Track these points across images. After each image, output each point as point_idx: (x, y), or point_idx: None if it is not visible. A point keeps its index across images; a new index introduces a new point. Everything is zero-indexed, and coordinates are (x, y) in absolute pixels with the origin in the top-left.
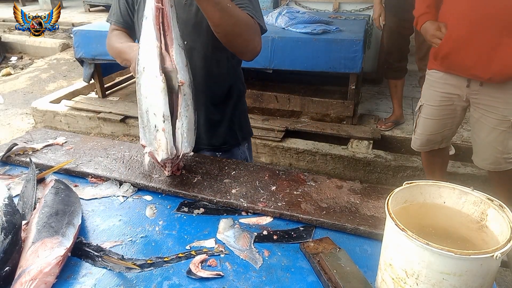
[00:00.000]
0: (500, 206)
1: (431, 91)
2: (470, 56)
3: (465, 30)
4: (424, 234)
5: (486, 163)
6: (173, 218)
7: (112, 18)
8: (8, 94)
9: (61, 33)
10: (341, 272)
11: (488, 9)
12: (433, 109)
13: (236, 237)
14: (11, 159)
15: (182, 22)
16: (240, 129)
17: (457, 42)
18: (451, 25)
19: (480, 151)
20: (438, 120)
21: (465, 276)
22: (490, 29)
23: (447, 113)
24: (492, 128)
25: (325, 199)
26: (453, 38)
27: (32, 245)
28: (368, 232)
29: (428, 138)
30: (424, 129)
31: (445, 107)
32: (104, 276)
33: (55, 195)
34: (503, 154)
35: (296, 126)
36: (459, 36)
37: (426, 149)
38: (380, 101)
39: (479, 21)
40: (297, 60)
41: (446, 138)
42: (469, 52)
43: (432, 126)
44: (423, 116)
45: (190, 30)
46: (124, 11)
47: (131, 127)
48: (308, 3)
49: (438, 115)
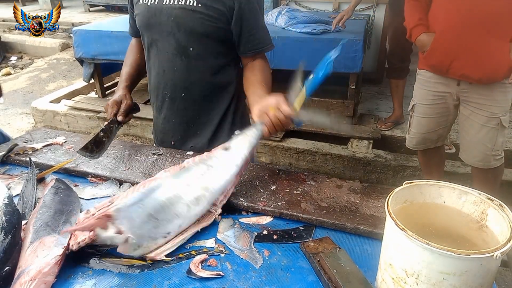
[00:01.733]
0: (500, 206)
1: (423, 91)
2: (459, 60)
3: (453, 34)
4: (424, 233)
5: (475, 160)
6: None
7: (130, 32)
8: (8, 94)
9: (61, 33)
10: (341, 272)
11: (475, 13)
12: (426, 108)
13: (236, 236)
14: (11, 159)
15: (188, 29)
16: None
17: (446, 47)
18: (439, 30)
19: (469, 149)
20: (432, 119)
21: (465, 275)
22: (477, 32)
23: (440, 111)
24: (481, 125)
25: (325, 199)
26: (441, 42)
27: (30, 245)
28: (368, 232)
29: (424, 137)
30: (419, 128)
31: (438, 105)
32: (104, 276)
33: (55, 195)
34: (492, 151)
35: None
36: (447, 40)
37: (422, 148)
38: (380, 101)
39: (466, 25)
40: (297, 60)
41: (441, 136)
42: (458, 55)
43: (427, 124)
44: (416, 115)
45: (195, 38)
46: (132, 22)
47: (131, 127)
48: (308, 3)
49: (431, 113)
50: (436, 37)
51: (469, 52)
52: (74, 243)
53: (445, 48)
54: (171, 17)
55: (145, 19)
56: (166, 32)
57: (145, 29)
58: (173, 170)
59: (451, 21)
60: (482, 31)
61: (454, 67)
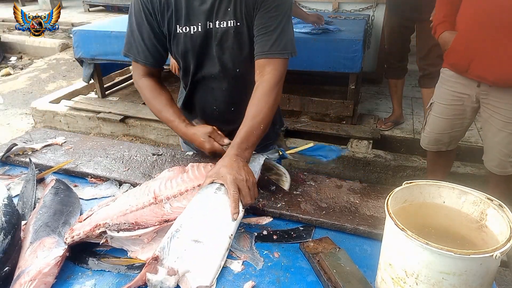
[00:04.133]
0: (500, 206)
1: (442, 89)
2: (477, 61)
3: (474, 35)
4: (423, 233)
5: (491, 164)
6: None
7: (139, 57)
8: (8, 94)
9: (61, 33)
10: (341, 272)
11: (496, 16)
12: (443, 107)
13: (236, 237)
14: (11, 159)
15: (235, 50)
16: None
17: (465, 47)
18: (462, 29)
19: (487, 152)
20: (447, 120)
21: (464, 275)
22: (496, 35)
23: (456, 113)
24: (498, 129)
25: (324, 199)
26: (461, 42)
27: (30, 245)
28: (368, 232)
29: (436, 137)
30: (433, 127)
31: (455, 106)
32: (104, 277)
33: (54, 195)
34: (508, 157)
35: (296, 126)
36: (467, 40)
37: (433, 149)
38: (380, 101)
39: (487, 26)
40: (297, 60)
41: (454, 139)
42: (476, 56)
43: (441, 125)
44: (433, 114)
45: (241, 59)
46: (152, 49)
47: (130, 127)
48: (307, 3)
49: (447, 114)
50: (457, 36)
51: (487, 54)
52: (69, 236)
53: (465, 48)
54: (215, 41)
55: (188, 47)
56: (211, 55)
57: (187, 56)
58: (177, 170)
59: (473, 21)
60: (501, 34)
61: (473, 67)
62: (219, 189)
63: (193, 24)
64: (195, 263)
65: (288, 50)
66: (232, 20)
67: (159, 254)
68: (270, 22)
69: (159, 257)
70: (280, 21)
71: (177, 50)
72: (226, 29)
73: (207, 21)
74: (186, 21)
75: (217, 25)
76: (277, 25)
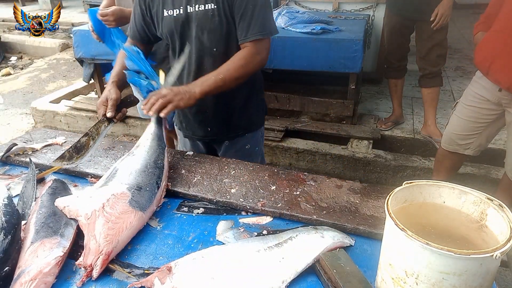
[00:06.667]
0: (500, 206)
1: (468, 89)
2: (496, 64)
3: (497, 38)
4: (423, 233)
5: (508, 168)
6: (173, 218)
7: (130, 33)
8: (8, 94)
9: (61, 33)
10: (341, 272)
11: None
12: (463, 108)
13: (236, 238)
14: (11, 159)
15: (211, 32)
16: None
17: (488, 48)
18: (493, 31)
19: (508, 157)
20: (463, 120)
21: (464, 275)
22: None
23: (473, 115)
24: None
25: (325, 199)
26: (485, 43)
27: (31, 245)
28: (368, 232)
29: (451, 137)
30: (451, 125)
31: (473, 108)
32: (104, 277)
33: (52, 195)
34: None
35: (296, 126)
36: (491, 42)
37: (450, 149)
38: (380, 101)
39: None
40: (297, 60)
41: (470, 144)
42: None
43: (457, 124)
44: (455, 113)
45: (218, 38)
46: (140, 28)
47: (131, 127)
48: (308, 3)
49: (465, 115)
50: (486, 36)
51: (505, 58)
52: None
53: (487, 49)
54: (195, 23)
55: (172, 28)
56: (192, 36)
57: (173, 36)
58: None
59: (501, 25)
60: None
61: (492, 69)
62: None
63: (176, 8)
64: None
65: (266, 30)
66: (209, 3)
67: (173, 266)
68: (248, 6)
69: (172, 268)
70: (255, 3)
71: (164, 31)
72: (205, 12)
73: (187, 5)
74: (171, 5)
75: (196, 8)
76: (253, 8)
